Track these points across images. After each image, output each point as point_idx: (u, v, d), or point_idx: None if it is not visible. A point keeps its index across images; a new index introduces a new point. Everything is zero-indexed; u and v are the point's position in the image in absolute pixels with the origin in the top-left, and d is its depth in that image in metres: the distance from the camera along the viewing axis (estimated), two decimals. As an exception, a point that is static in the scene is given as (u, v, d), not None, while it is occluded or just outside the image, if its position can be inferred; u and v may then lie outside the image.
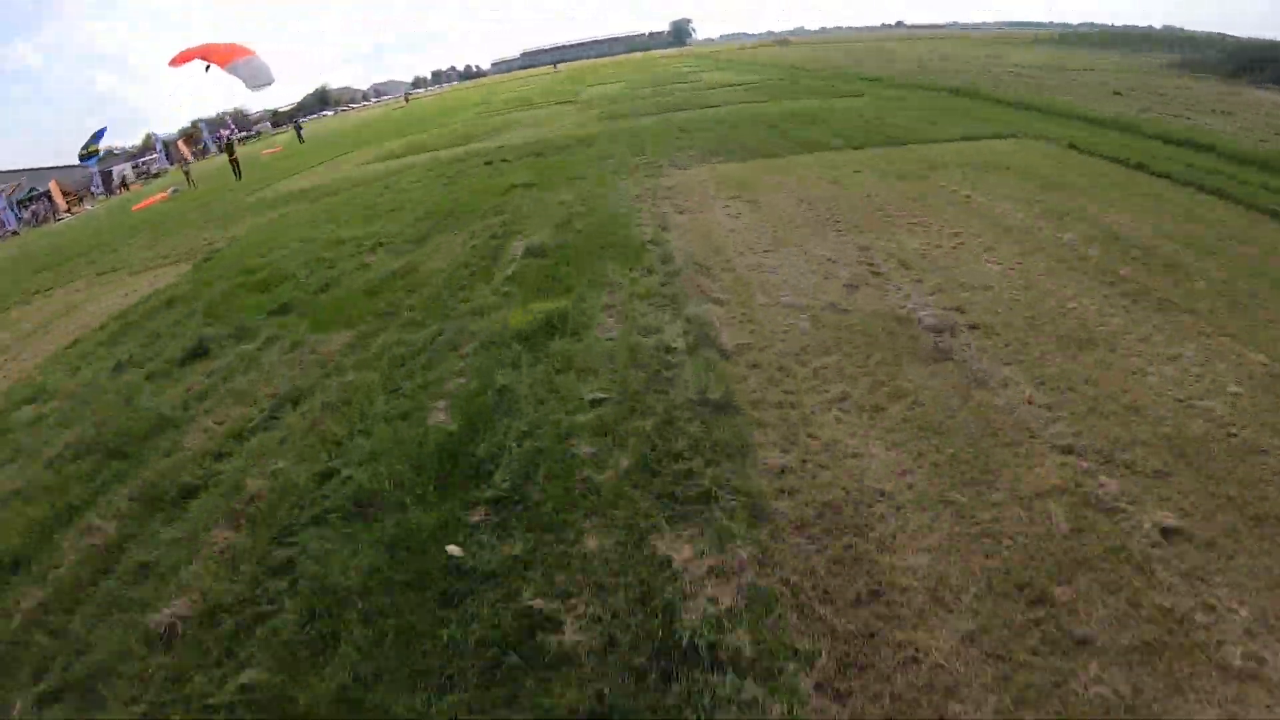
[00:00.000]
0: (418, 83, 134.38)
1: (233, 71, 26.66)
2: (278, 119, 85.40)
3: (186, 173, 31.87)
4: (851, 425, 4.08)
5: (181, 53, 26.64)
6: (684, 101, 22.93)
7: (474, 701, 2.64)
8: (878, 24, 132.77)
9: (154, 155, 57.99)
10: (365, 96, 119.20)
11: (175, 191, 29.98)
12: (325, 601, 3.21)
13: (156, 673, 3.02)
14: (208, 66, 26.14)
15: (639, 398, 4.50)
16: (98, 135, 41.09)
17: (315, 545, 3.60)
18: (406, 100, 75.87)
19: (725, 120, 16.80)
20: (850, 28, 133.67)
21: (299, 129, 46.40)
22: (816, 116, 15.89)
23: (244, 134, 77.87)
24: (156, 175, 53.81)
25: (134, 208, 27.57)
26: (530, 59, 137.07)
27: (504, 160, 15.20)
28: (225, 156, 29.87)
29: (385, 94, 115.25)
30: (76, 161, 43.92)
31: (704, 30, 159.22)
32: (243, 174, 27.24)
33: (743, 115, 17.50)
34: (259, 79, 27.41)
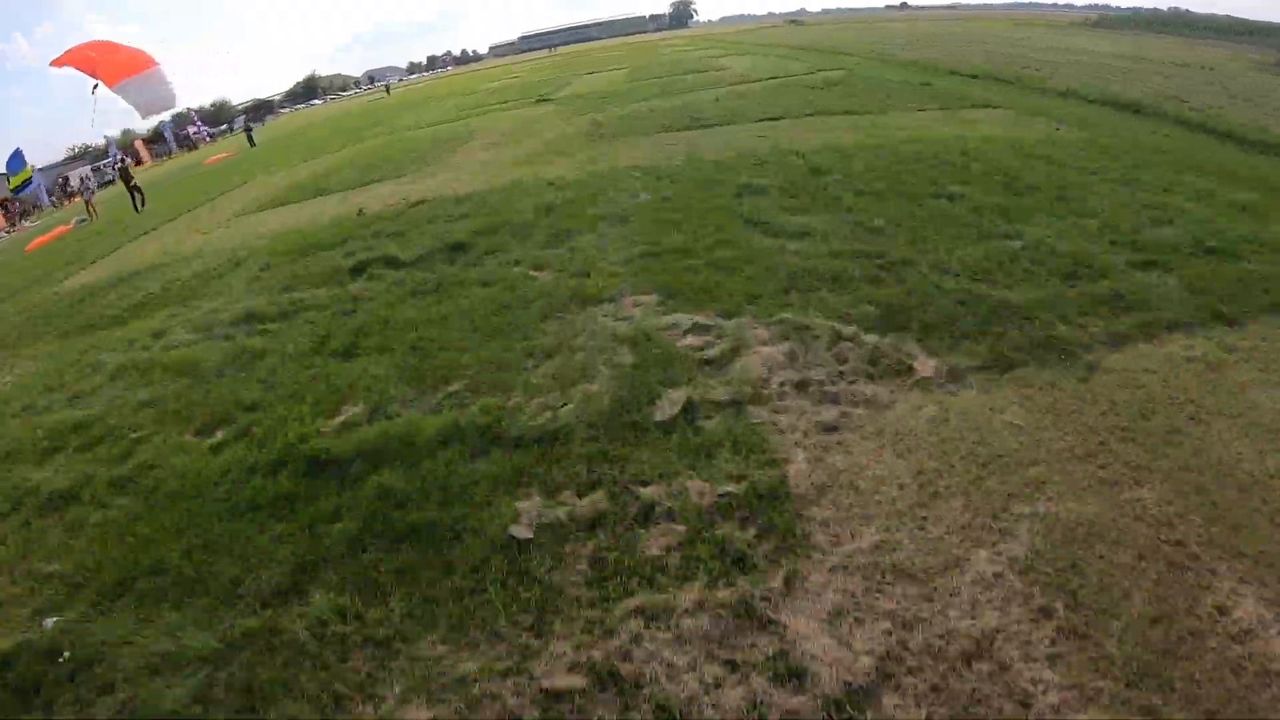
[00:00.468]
0: (412, 69, 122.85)
1: (121, 94, 18.66)
2: (260, 111, 75.87)
3: (88, 202, 23.78)
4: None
5: (68, 52, 18.73)
6: (715, 108, 14.56)
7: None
8: (881, 5, 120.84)
9: (107, 160, 48.99)
10: (358, 83, 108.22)
11: (81, 222, 22.68)
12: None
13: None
14: (95, 85, 18.15)
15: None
16: (14, 163, 30.80)
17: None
18: (388, 91, 66.00)
19: (844, 172, 8.08)
20: (853, 9, 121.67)
21: (249, 131, 37.62)
22: (1030, 178, 7.36)
23: (222, 127, 68.44)
24: (110, 183, 45.44)
25: (28, 247, 20.30)
26: (528, 43, 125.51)
27: (386, 265, 7.02)
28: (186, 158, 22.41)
29: (379, 80, 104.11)
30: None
31: (705, 12, 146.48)
32: (146, 203, 19.57)
33: (862, 158, 8.75)
34: (155, 104, 19.83)
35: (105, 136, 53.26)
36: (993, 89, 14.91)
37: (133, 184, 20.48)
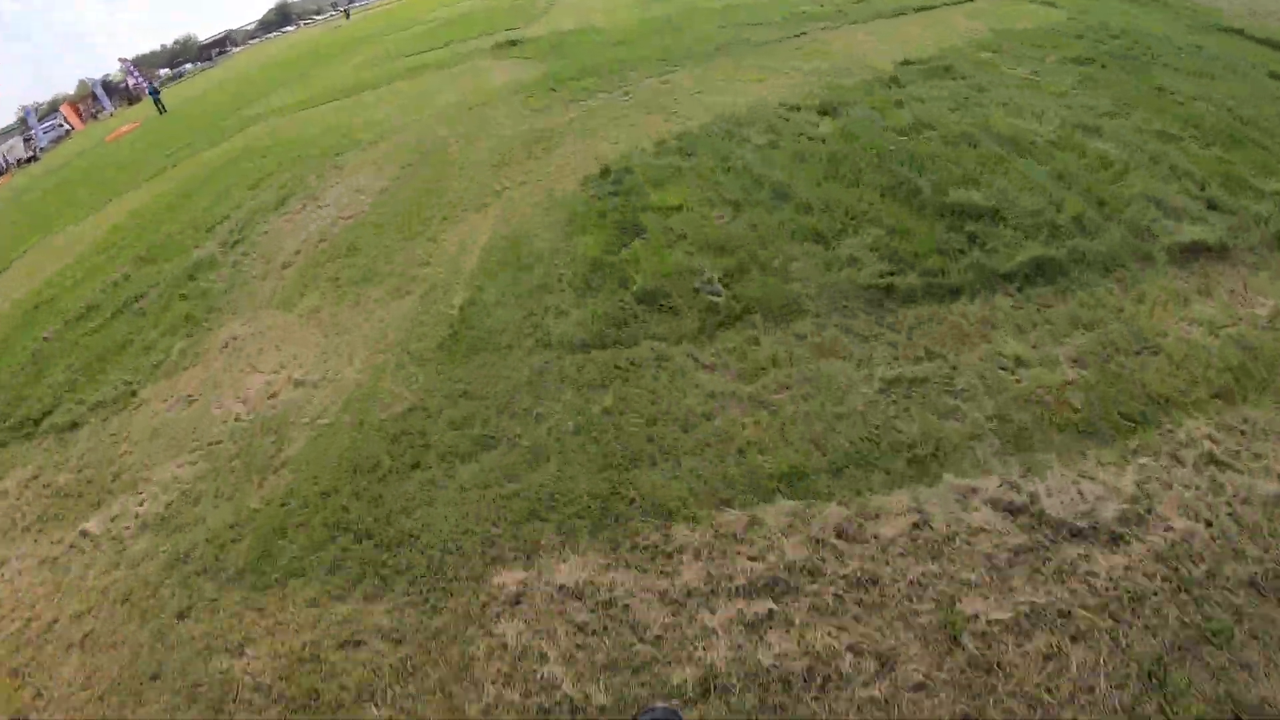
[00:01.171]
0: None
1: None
2: (210, 49, 62.27)
3: None
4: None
5: None
6: (944, 138, 5.12)
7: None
8: None
9: (31, 130, 38.11)
10: (335, 4, 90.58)
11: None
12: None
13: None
14: None
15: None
16: None
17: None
18: (347, 17, 51.80)
19: None
20: None
21: (156, 96, 26.67)
22: None
23: (175, 72, 55.55)
24: (32, 159, 35.46)
25: None
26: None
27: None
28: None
29: (357, 1, 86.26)
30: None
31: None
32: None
33: None
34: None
35: (21, 106, 41.93)
36: None
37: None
